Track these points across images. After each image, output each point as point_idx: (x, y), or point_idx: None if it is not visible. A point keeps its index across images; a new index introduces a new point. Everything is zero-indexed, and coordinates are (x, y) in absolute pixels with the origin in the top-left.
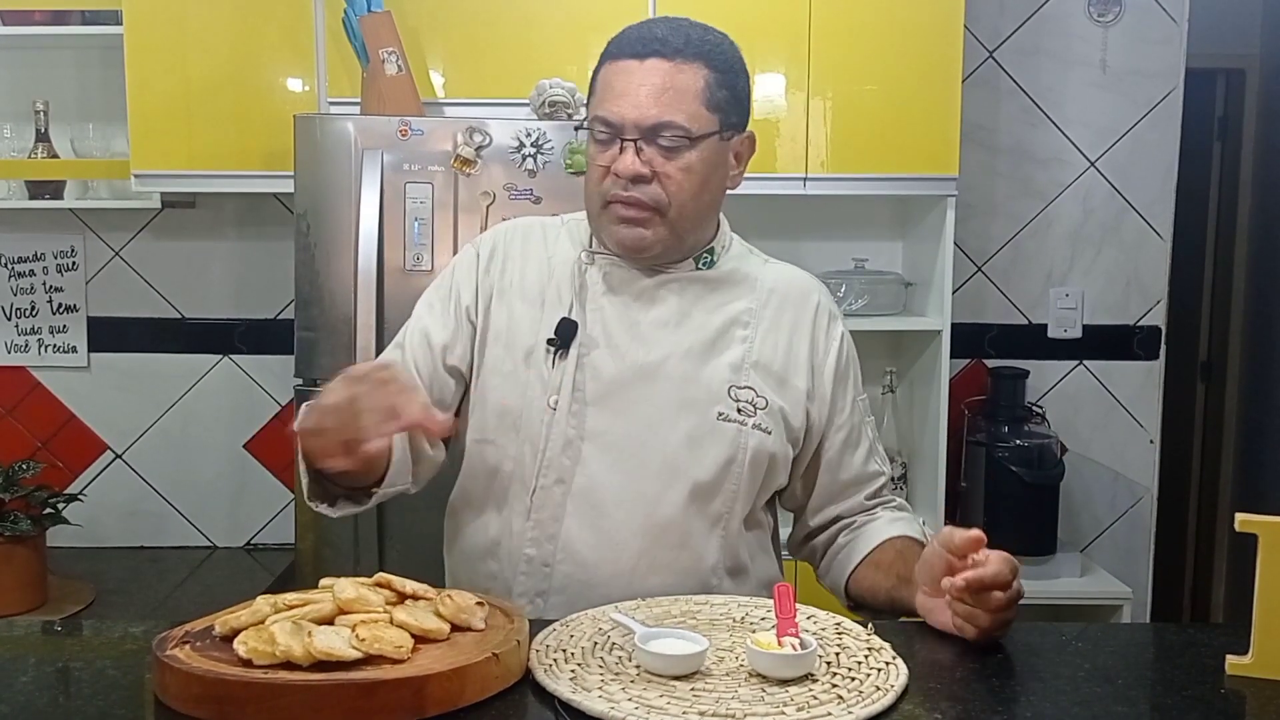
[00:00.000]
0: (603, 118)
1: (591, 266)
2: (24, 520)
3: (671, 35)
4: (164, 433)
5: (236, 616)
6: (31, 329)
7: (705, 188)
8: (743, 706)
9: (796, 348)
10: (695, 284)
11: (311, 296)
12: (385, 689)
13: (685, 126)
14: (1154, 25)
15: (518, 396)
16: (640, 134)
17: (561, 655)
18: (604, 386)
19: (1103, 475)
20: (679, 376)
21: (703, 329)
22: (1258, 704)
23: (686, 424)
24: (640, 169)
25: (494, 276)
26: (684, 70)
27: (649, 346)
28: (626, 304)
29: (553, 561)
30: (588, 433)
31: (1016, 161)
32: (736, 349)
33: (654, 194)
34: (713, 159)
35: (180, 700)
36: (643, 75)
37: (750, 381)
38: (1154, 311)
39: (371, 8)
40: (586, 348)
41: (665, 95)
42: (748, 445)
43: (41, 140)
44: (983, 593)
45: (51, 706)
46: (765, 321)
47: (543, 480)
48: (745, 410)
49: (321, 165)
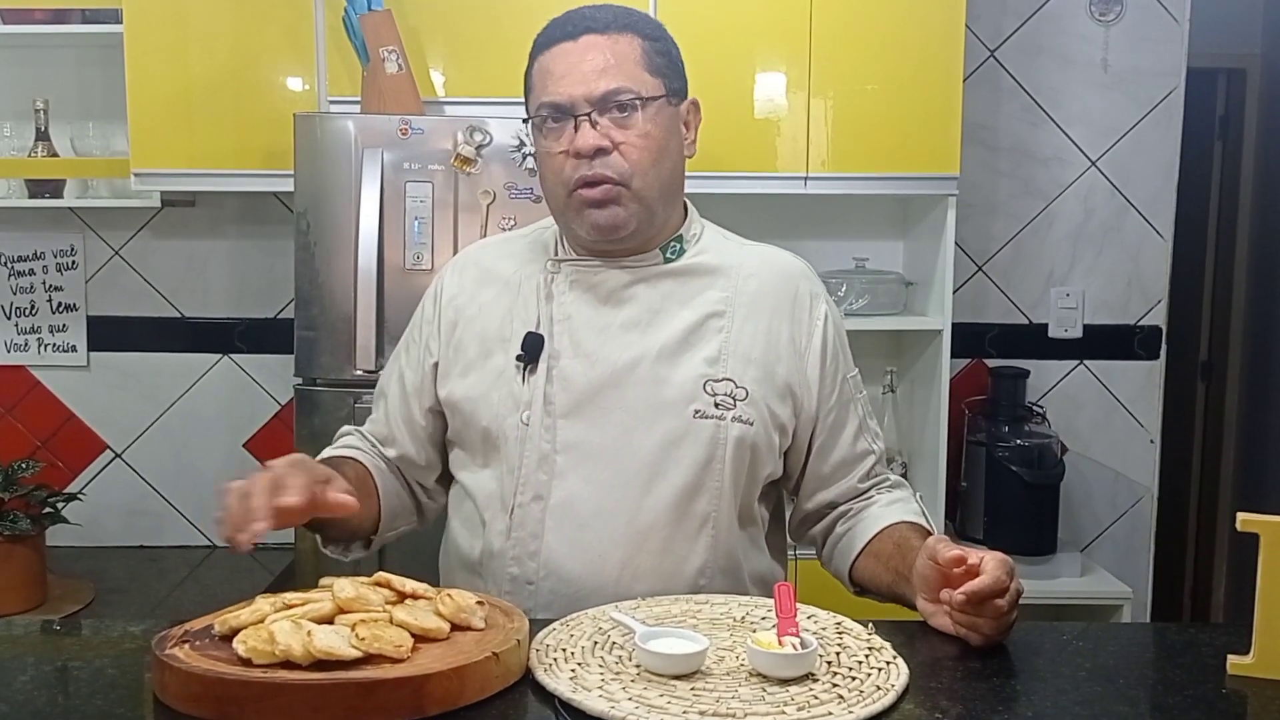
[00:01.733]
0: (550, 103)
1: (558, 275)
2: (23, 519)
3: (598, 13)
4: (163, 432)
5: (236, 616)
6: (31, 328)
7: (664, 153)
8: (743, 706)
9: (777, 332)
10: (666, 279)
11: (311, 295)
12: (385, 688)
13: (634, 89)
14: (1155, 24)
15: (491, 417)
16: (592, 106)
17: (561, 654)
18: (575, 397)
19: (1103, 475)
20: (651, 378)
21: (675, 325)
22: (1259, 704)
23: (662, 426)
24: (600, 141)
25: (459, 305)
26: (619, 40)
27: (619, 350)
28: (595, 308)
29: (536, 579)
30: (561, 445)
31: (1017, 161)
32: (712, 341)
33: (616, 165)
34: (666, 124)
35: (180, 699)
36: (580, 53)
37: (729, 373)
38: (1154, 311)
39: (372, 6)
40: (555, 359)
41: (608, 66)
42: (728, 439)
43: (41, 139)
44: (983, 602)
45: (50, 706)
46: (742, 309)
47: (520, 497)
48: (723, 404)
49: (322, 164)
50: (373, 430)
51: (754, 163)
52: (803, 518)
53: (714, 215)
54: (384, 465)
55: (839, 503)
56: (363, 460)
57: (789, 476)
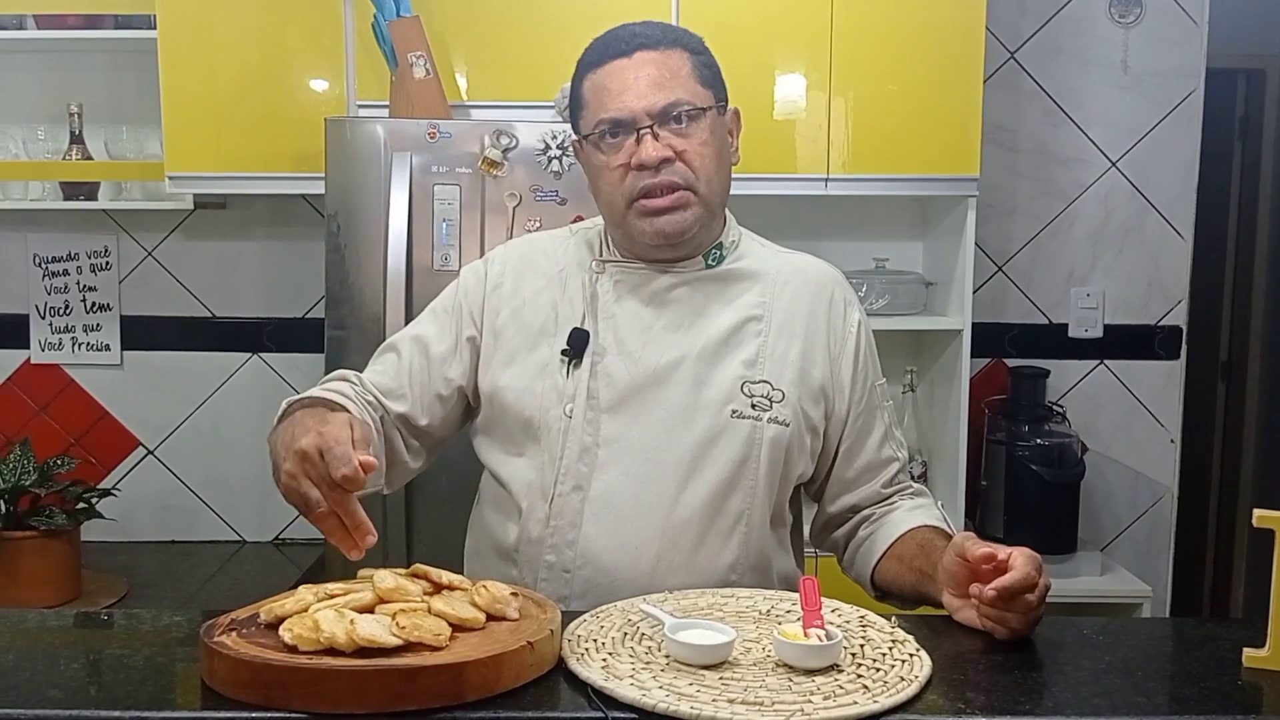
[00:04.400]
0: (611, 118)
1: (602, 275)
2: (59, 515)
3: (646, 30)
4: (195, 429)
5: (281, 605)
6: (65, 327)
7: (721, 160)
8: (771, 695)
9: (813, 338)
10: (706, 283)
11: (341, 296)
12: (426, 675)
13: (691, 100)
14: (1175, 26)
15: (535, 408)
16: (653, 119)
17: (593, 645)
18: (618, 393)
19: (1123, 474)
20: (692, 378)
21: (715, 328)
22: (1274, 696)
23: (700, 425)
24: (664, 151)
25: (504, 293)
26: (670, 55)
27: (662, 351)
28: (638, 310)
29: (573, 567)
30: (603, 439)
31: (1037, 162)
32: (751, 344)
33: (682, 172)
34: (719, 132)
35: (228, 685)
36: (635, 69)
37: (765, 375)
38: (1175, 311)
39: (400, 12)
40: (599, 356)
41: (664, 79)
42: (763, 440)
43: (75, 142)
44: (1013, 598)
45: (103, 692)
46: (779, 314)
47: (560, 487)
48: (760, 405)
49: (351, 167)
50: (377, 382)
51: (774, 164)
52: (825, 521)
53: (734, 216)
54: (372, 420)
55: (862, 507)
56: (353, 411)
57: (814, 480)
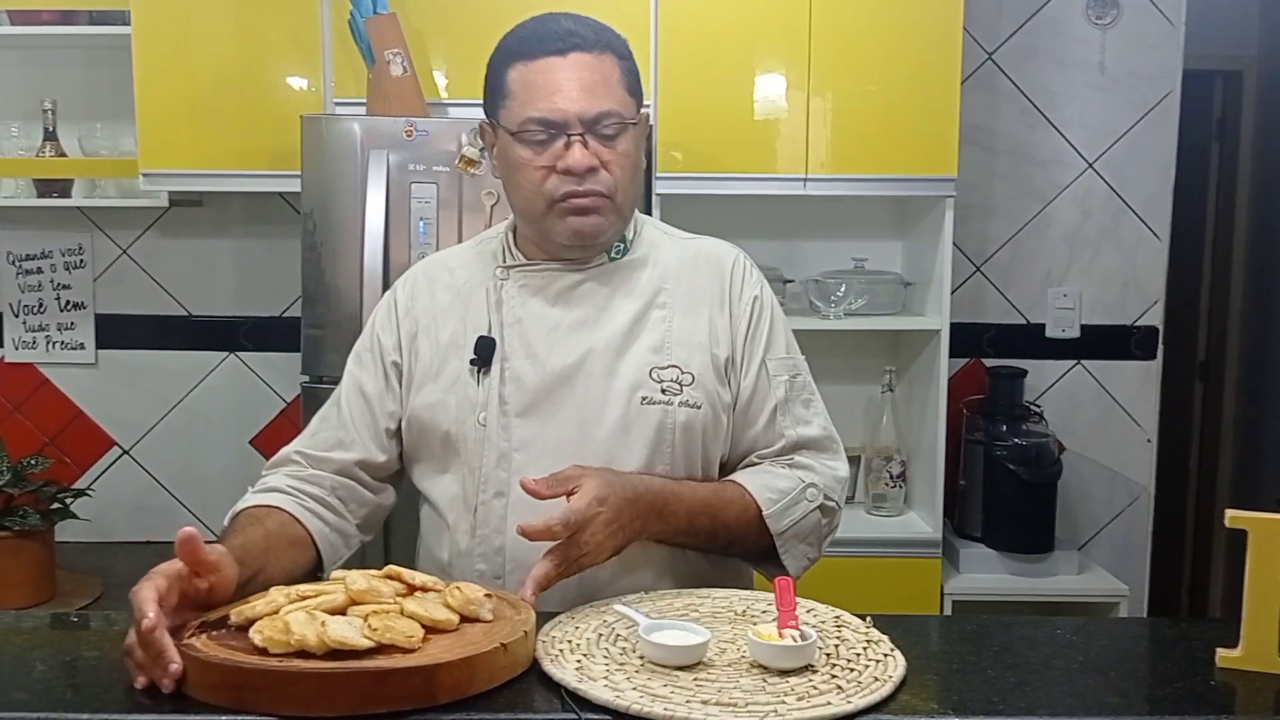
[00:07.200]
0: (541, 118)
1: (507, 281)
2: (32, 515)
3: (579, 28)
4: (170, 429)
5: (252, 606)
6: (39, 326)
7: (638, 170)
8: (745, 695)
9: (714, 318)
10: (610, 274)
11: (318, 294)
12: (397, 677)
13: (621, 113)
14: (1152, 27)
15: (451, 421)
16: (585, 126)
17: (567, 646)
18: (529, 396)
19: (1100, 474)
20: (601, 371)
21: (620, 318)
22: (1247, 695)
23: (612, 415)
24: (592, 161)
25: (414, 315)
26: (603, 60)
27: (568, 349)
28: (544, 310)
29: (503, 573)
30: (518, 443)
31: (1015, 162)
32: (656, 330)
33: (605, 181)
34: (639, 141)
35: (198, 688)
36: (569, 70)
37: (674, 360)
38: (1151, 311)
39: (377, 9)
40: (507, 361)
41: (597, 85)
42: (675, 424)
43: (49, 139)
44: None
45: (69, 694)
46: (682, 298)
47: (482, 495)
48: (670, 390)
49: (328, 165)
50: (316, 442)
51: (753, 164)
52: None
53: (713, 216)
54: (313, 500)
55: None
56: (286, 508)
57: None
